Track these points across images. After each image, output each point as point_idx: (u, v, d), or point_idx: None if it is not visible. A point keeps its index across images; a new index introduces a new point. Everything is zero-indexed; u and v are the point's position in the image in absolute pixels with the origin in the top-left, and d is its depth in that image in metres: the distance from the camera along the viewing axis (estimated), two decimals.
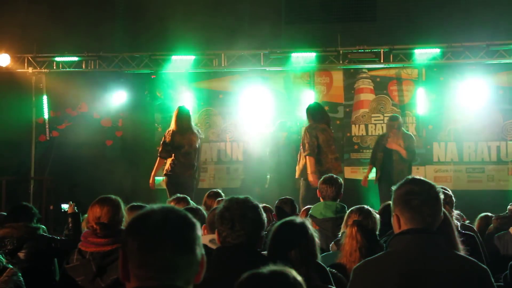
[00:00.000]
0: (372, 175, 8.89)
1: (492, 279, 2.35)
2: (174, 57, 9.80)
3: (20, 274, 3.45)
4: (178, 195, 5.21)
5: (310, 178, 7.21)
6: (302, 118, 10.14)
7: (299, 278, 1.75)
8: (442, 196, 2.44)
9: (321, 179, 5.19)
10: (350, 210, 3.99)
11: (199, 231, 1.63)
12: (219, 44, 9.79)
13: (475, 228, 5.26)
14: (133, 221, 1.64)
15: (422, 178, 2.47)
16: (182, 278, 1.60)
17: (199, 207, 4.38)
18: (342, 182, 5.29)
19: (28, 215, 4.66)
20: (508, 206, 5.95)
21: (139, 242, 1.57)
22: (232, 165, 10.49)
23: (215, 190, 5.79)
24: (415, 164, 9.98)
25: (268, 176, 9.53)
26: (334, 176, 5.26)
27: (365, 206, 3.97)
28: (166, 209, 1.63)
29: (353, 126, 10.27)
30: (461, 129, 9.97)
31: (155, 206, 1.63)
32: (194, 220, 1.64)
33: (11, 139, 10.02)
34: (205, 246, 2.89)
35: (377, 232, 3.83)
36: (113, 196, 3.40)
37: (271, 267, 1.75)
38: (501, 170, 9.87)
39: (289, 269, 1.76)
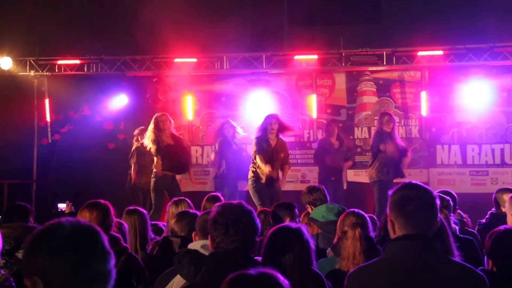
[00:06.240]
0: None
1: (488, 286, 2.31)
2: (176, 60, 9.79)
3: (12, 280, 3.35)
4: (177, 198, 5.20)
5: None
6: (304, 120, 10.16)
7: (286, 281, 1.73)
8: (438, 202, 2.40)
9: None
10: (346, 213, 3.91)
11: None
12: (221, 47, 9.76)
13: (475, 232, 5.17)
14: None
15: (418, 183, 2.43)
16: None
17: (196, 212, 4.34)
18: None
19: (23, 215, 4.61)
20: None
21: None
22: None
23: (214, 194, 5.74)
24: (418, 167, 9.94)
25: None
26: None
27: (356, 210, 3.90)
28: None
29: (355, 128, 10.22)
30: (465, 132, 9.91)
31: None
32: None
33: (13, 142, 10.02)
34: (196, 252, 2.87)
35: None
36: (102, 201, 3.36)
37: (259, 269, 1.74)
38: (505, 173, 9.79)
39: (276, 272, 1.75)
